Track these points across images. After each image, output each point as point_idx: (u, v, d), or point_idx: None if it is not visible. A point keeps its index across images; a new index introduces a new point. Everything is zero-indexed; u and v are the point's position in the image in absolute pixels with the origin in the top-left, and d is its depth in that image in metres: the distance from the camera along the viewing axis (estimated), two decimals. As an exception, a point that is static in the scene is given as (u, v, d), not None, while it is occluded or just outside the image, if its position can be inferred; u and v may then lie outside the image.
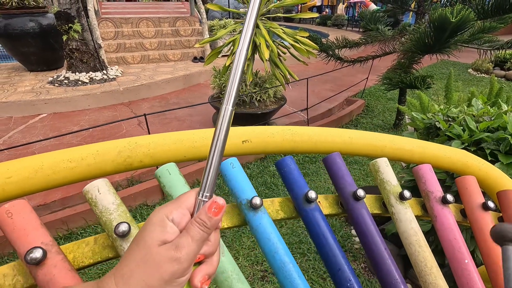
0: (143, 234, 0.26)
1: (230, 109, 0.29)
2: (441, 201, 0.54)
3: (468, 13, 1.62)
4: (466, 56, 5.96)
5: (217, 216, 0.27)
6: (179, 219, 0.27)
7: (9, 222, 0.35)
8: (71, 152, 0.44)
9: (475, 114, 1.05)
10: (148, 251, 0.25)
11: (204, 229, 0.27)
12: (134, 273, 0.24)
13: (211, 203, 0.28)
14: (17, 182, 0.40)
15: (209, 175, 0.28)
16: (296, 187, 0.49)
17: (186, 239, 0.26)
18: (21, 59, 4.70)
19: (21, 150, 2.74)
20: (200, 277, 0.28)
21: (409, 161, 0.64)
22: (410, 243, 0.49)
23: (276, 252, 0.42)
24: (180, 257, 0.25)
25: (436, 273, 0.47)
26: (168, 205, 0.28)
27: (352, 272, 0.44)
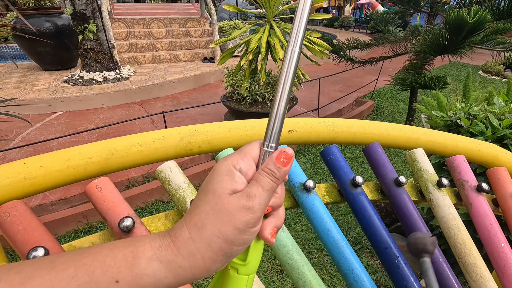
0: (211, 183, 0.25)
1: (296, 51, 0.26)
2: (476, 190, 0.57)
3: (485, 14, 1.64)
4: (476, 58, 5.93)
5: (285, 167, 0.26)
6: (246, 169, 0.26)
7: (100, 196, 0.39)
8: (140, 137, 0.48)
9: (497, 112, 1.07)
10: (219, 200, 0.24)
11: (274, 179, 0.26)
12: (207, 222, 0.23)
13: (280, 153, 0.26)
14: (98, 162, 0.44)
15: (274, 124, 0.27)
16: (342, 173, 0.52)
17: (256, 189, 0.25)
18: (36, 59, 4.81)
19: (39, 147, 2.81)
20: (269, 229, 0.27)
21: (442, 153, 0.67)
22: (449, 227, 0.52)
23: (329, 231, 0.46)
24: (253, 206, 0.24)
25: (475, 255, 0.50)
26: (233, 155, 0.27)
27: (398, 250, 0.47)
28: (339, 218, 2.11)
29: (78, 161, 0.43)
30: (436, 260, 0.48)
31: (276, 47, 2.56)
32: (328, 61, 3.69)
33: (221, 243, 0.23)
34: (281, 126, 0.27)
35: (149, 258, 0.22)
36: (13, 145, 2.91)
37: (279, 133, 0.27)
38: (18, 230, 0.34)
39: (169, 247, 0.23)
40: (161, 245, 0.23)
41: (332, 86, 4.90)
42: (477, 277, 0.48)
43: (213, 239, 0.23)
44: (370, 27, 3.74)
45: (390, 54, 3.33)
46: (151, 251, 0.23)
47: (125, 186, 2.41)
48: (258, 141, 0.28)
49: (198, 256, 0.23)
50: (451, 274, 0.47)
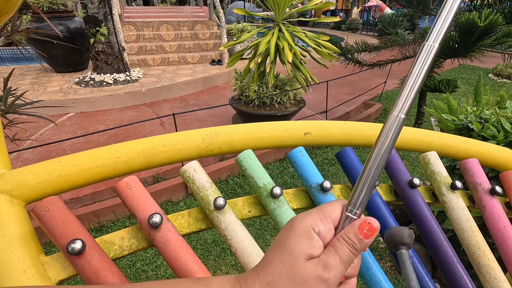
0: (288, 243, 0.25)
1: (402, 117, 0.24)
2: (489, 193, 0.58)
3: (496, 17, 1.63)
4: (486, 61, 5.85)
5: (368, 239, 0.25)
6: (325, 233, 0.25)
7: (129, 193, 0.42)
8: (164, 138, 0.50)
9: (509, 116, 1.07)
10: (295, 264, 0.24)
11: (353, 251, 0.24)
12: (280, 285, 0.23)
13: (364, 223, 0.25)
14: (125, 162, 0.47)
15: (363, 190, 0.25)
16: (357, 174, 0.54)
17: (334, 259, 0.24)
18: (49, 61, 4.93)
19: (52, 147, 2.88)
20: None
21: (454, 156, 0.68)
22: (463, 228, 0.53)
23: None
24: (329, 278, 0.23)
25: (489, 256, 0.51)
26: (313, 215, 0.26)
27: (413, 250, 0.48)
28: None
29: (108, 160, 0.46)
30: (449, 261, 0.49)
31: (285, 50, 2.58)
32: (336, 64, 3.70)
33: None
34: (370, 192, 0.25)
35: None
36: (27, 145, 2.99)
37: (367, 199, 0.25)
38: (57, 224, 0.37)
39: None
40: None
41: (340, 89, 4.90)
42: (491, 278, 0.49)
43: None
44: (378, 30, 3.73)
45: (399, 57, 3.32)
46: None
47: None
48: (341, 202, 0.27)
49: None
50: (465, 274, 0.48)
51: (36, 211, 0.37)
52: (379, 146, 0.25)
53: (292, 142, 0.58)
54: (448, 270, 0.49)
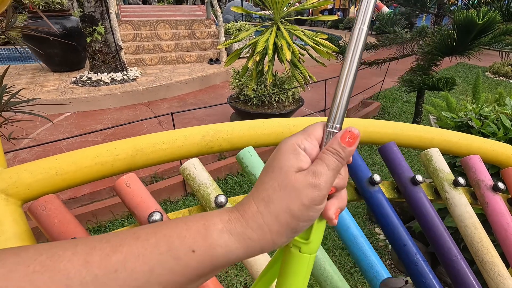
0: (276, 161, 0.26)
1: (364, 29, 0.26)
2: (492, 189, 0.58)
3: (495, 15, 1.63)
4: (483, 60, 5.88)
5: (351, 147, 0.26)
6: (310, 149, 0.26)
7: (128, 191, 0.41)
8: (164, 135, 0.50)
9: (509, 113, 1.07)
10: (285, 177, 0.25)
11: (339, 159, 0.26)
12: (274, 197, 0.24)
13: (345, 132, 0.26)
14: (124, 159, 0.46)
15: (340, 104, 0.27)
16: (359, 171, 0.53)
17: (322, 167, 0.25)
18: (45, 60, 4.88)
19: (49, 147, 2.85)
20: (333, 209, 0.27)
21: (456, 153, 0.68)
22: (466, 225, 0.53)
23: (348, 227, 0.47)
24: (319, 183, 0.25)
25: (492, 253, 0.50)
26: (297, 135, 0.27)
27: (416, 247, 0.48)
28: (347, 219, 2.10)
29: (106, 157, 0.45)
30: (453, 258, 0.48)
31: (283, 48, 2.57)
32: (335, 63, 3.70)
33: (288, 218, 0.24)
34: (346, 106, 0.27)
35: (220, 230, 0.23)
36: (24, 145, 2.96)
37: (344, 113, 0.27)
38: (54, 223, 0.36)
39: (238, 220, 0.24)
40: (230, 219, 0.24)
41: (337, 88, 4.89)
42: (495, 275, 0.49)
43: (280, 214, 0.24)
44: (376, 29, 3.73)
45: (397, 55, 3.32)
46: (221, 224, 0.24)
47: (133, 186, 2.43)
48: (322, 122, 0.28)
49: (266, 229, 0.24)
50: (469, 272, 0.47)
51: (33, 210, 0.36)
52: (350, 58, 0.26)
53: (293, 139, 0.58)
54: (452, 267, 0.48)
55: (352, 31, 0.27)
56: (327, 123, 0.27)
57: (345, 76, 0.27)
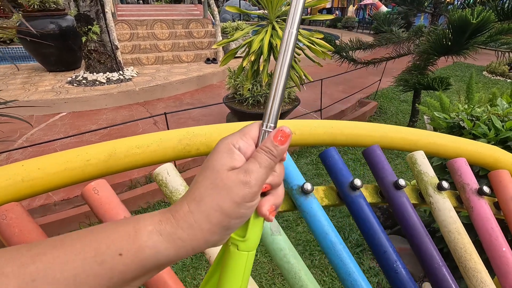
0: (210, 161, 0.26)
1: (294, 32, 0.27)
2: (477, 193, 0.57)
3: (489, 14, 1.62)
4: (480, 59, 5.88)
5: (283, 145, 0.27)
6: (245, 148, 0.27)
7: (96, 198, 0.39)
8: (138, 139, 0.48)
9: (500, 114, 1.06)
10: (217, 175, 0.25)
11: (271, 157, 0.26)
12: (205, 196, 0.24)
13: (277, 131, 0.27)
14: (95, 165, 0.44)
15: (273, 104, 0.28)
16: (341, 176, 0.52)
17: (254, 165, 0.26)
18: (41, 60, 4.86)
19: (43, 147, 2.83)
20: (268, 206, 0.28)
21: (443, 155, 0.67)
22: (449, 231, 0.52)
23: (327, 234, 0.45)
24: (250, 180, 0.25)
25: (476, 259, 0.49)
26: (233, 135, 0.28)
27: (396, 254, 0.47)
28: (341, 219, 2.10)
29: (76, 163, 0.44)
30: (435, 264, 0.47)
31: (278, 48, 2.55)
32: (331, 62, 3.68)
33: (219, 216, 0.24)
34: (279, 106, 0.28)
35: (150, 231, 0.23)
36: (17, 146, 2.94)
37: (277, 113, 0.28)
38: (14, 233, 0.34)
39: (169, 220, 0.24)
40: (161, 220, 0.24)
41: (335, 87, 4.88)
42: (478, 282, 0.47)
43: (211, 212, 0.24)
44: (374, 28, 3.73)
45: (393, 54, 3.31)
46: (152, 225, 0.23)
47: (127, 186, 2.42)
48: (258, 122, 0.29)
49: (196, 228, 0.24)
50: (451, 279, 0.46)
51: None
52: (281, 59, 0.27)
53: (274, 143, 0.56)
54: (434, 274, 0.47)
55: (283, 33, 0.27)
56: (262, 122, 0.28)
57: (277, 78, 0.27)
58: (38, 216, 2.10)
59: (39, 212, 2.11)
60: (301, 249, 1.82)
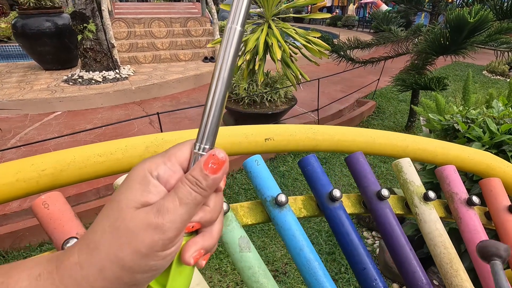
0: (117, 193, 0.20)
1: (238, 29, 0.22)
2: (466, 203, 0.54)
3: (486, 13, 1.59)
4: (480, 58, 5.84)
5: (215, 174, 0.21)
6: (168, 176, 0.21)
7: (46, 213, 0.36)
8: (101, 146, 0.45)
9: (496, 116, 1.03)
10: (120, 215, 0.19)
11: (198, 190, 0.21)
12: (101, 243, 0.19)
13: (208, 156, 0.21)
14: (51, 175, 0.41)
15: (208, 119, 0.22)
16: (319, 185, 0.49)
17: (172, 201, 0.20)
18: (37, 58, 4.82)
19: (37, 147, 2.80)
20: (193, 251, 0.22)
21: (432, 161, 0.63)
22: (435, 244, 0.49)
23: (301, 250, 0.42)
24: (162, 223, 0.19)
25: (462, 275, 0.46)
26: (155, 157, 0.22)
27: (377, 271, 0.43)
28: (336, 221, 2.06)
29: (30, 173, 0.40)
30: (419, 283, 0.44)
31: (274, 47, 2.52)
32: (329, 61, 3.65)
33: (117, 270, 0.19)
34: (217, 121, 0.22)
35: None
36: (11, 145, 2.91)
37: (214, 130, 0.22)
38: None
39: (50, 275, 0.18)
40: (41, 274, 0.18)
41: (333, 86, 4.85)
42: (464, 300, 0.44)
43: (106, 265, 0.18)
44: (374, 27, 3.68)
45: (392, 54, 3.27)
46: (27, 281, 0.18)
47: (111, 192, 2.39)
48: (190, 141, 0.23)
49: (85, 286, 0.18)
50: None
51: None
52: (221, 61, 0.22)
53: (251, 149, 0.53)
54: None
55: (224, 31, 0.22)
56: (195, 143, 0.22)
57: (214, 85, 0.22)
58: (29, 217, 2.07)
59: (31, 213, 2.08)
60: (286, 260, 1.78)
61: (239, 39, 0.22)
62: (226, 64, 0.22)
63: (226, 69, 0.22)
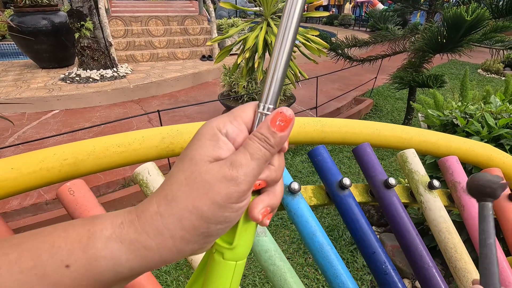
0: (189, 149, 0.21)
1: None
2: (468, 192, 0.56)
3: (483, 12, 1.62)
4: (475, 57, 5.91)
5: (283, 132, 0.21)
6: (235, 134, 0.22)
7: (72, 199, 0.38)
8: (119, 137, 0.46)
9: (494, 111, 1.06)
10: (195, 168, 0.20)
11: (266, 146, 0.21)
12: (178, 194, 0.20)
13: (276, 114, 0.22)
14: (73, 164, 0.42)
15: (272, 82, 0.22)
16: (330, 174, 0.51)
17: (244, 156, 0.21)
18: (33, 56, 4.78)
19: (35, 145, 2.79)
20: (261, 207, 0.22)
21: (435, 153, 0.66)
22: (439, 230, 0.51)
23: (314, 234, 0.44)
24: (237, 176, 0.20)
25: (466, 259, 0.48)
26: (221, 117, 0.22)
27: (386, 255, 0.46)
28: (335, 217, 2.09)
29: (53, 162, 0.42)
30: (425, 265, 0.46)
31: (273, 45, 2.53)
32: (327, 59, 3.67)
33: (195, 219, 0.19)
34: (281, 83, 0.23)
35: (108, 237, 0.19)
36: (9, 144, 2.89)
37: (278, 92, 0.23)
38: None
39: (132, 223, 0.19)
40: (123, 222, 0.19)
41: (331, 85, 4.88)
42: (468, 283, 0.47)
43: (185, 215, 0.19)
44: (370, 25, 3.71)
45: (389, 52, 3.31)
46: (111, 229, 0.19)
47: (121, 185, 2.40)
48: (253, 103, 0.23)
49: (166, 234, 0.19)
50: (441, 280, 0.45)
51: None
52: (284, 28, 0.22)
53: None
54: (423, 275, 0.46)
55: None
56: (259, 103, 0.23)
57: (278, 47, 0.22)
58: (29, 215, 2.07)
59: (31, 211, 2.08)
60: (295, 247, 1.82)
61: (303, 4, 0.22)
62: (290, 31, 0.22)
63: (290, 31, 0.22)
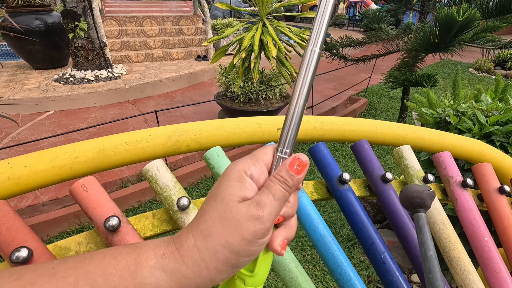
0: (220, 189, 0.24)
1: (317, 51, 0.25)
2: (461, 185, 0.59)
3: (474, 12, 1.66)
4: (467, 56, 6.01)
5: (299, 175, 0.25)
6: (258, 175, 0.25)
7: (85, 195, 0.39)
8: (127, 136, 0.48)
9: (484, 109, 1.09)
10: (227, 208, 0.23)
11: (286, 187, 0.24)
12: (213, 231, 0.23)
13: (294, 159, 0.25)
14: (84, 162, 0.44)
15: (290, 128, 0.26)
16: (330, 170, 0.53)
17: (267, 197, 0.24)
18: (26, 57, 4.72)
19: (30, 147, 2.77)
20: (280, 240, 0.26)
21: (429, 149, 0.68)
22: (434, 222, 0.53)
23: (316, 227, 0.46)
24: (262, 215, 0.23)
25: (459, 249, 0.51)
26: (245, 160, 0.26)
27: (384, 245, 0.48)
28: (332, 215, 2.13)
29: (64, 160, 0.43)
30: (421, 255, 0.49)
31: (269, 45, 2.56)
32: (322, 59, 3.70)
33: (227, 253, 0.22)
34: (297, 130, 0.26)
35: (152, 266, 0.22)
36: (3, 145, 2.86)
37: (294, 138, 0.26)
38: (1, 231, 0.34)
39: (173, 255, 0.22)
40: (164, 253, 0.22)
41: (326, 84, 4.92)
42: (461, 270, 0.49)
43: (219, 249, 0.22)
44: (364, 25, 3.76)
45: (383, 52, 3.35)
46: (155, 259, 0.22)
47: (118, 185, 2.39)
48: (272, 146, 0.27)
49: (202, 265, 0.22)
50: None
51: (-22, 218, 0.34)
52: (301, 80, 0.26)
53: (264, 138, 0.57)
54: (419, 265, 0.49)
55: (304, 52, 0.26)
56: (277, 147, 0.26)
57: (296, 98, 0.26)
58: (26, 216, 2.06)
59: (28, 213, 2.07)
60: (293, 244, 1.84)
61: (318, 59, 0.26)
62: (306, 81, 0.26)
63: (306, 85, 0.26)
